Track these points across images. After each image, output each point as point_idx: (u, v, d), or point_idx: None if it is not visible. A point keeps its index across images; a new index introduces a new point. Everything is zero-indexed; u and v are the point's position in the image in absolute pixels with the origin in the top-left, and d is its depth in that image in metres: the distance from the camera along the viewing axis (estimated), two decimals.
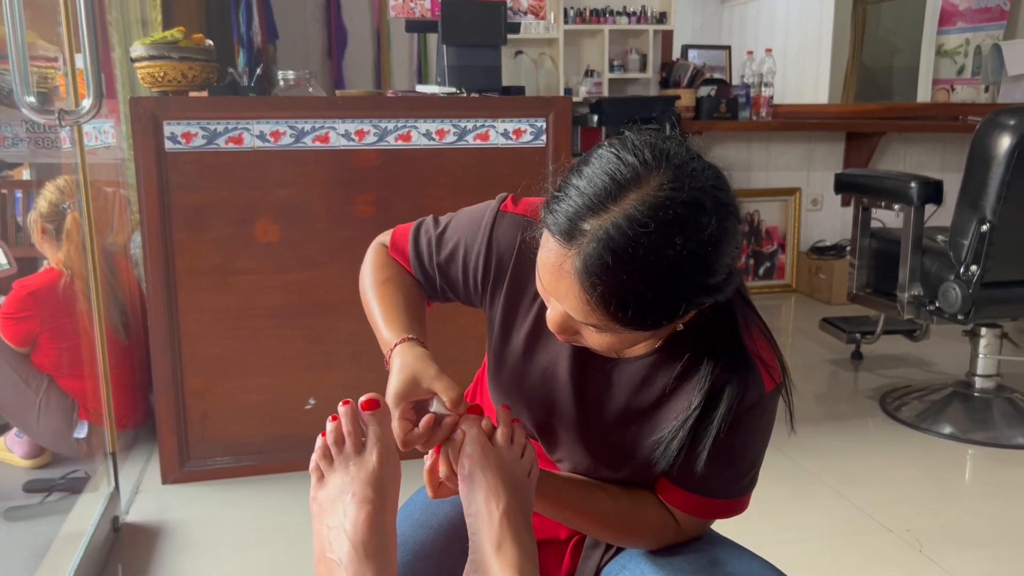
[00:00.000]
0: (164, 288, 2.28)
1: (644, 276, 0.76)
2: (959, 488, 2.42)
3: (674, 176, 0.78)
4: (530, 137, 2.43)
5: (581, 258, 0.77)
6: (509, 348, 1.05)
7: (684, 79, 4.64)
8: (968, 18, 5.38)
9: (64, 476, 2.41)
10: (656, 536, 1.01)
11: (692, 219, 0.76)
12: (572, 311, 0.82)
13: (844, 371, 3.44)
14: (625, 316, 0.79)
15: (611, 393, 1.00)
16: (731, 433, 0.93)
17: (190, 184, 2.26)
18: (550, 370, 1.02)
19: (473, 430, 0.90)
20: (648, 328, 0.82)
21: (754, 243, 4.70)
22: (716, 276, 0.80)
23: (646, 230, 0.75)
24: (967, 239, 2.54)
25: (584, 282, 0.78)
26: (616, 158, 0.80)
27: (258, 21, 3.87)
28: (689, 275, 0.78)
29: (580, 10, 5.21)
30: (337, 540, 0.85)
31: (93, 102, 1.79)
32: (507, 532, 0.87)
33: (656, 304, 0.78)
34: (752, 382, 0.93)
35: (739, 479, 1.00)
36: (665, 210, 0.76)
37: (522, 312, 1.03)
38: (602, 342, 0.86)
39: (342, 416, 0.89)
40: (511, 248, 1.00)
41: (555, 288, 0.82)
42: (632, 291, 0.77)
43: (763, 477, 1.04)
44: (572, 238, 0.78)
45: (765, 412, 0.97)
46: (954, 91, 5.47)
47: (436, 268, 1.07)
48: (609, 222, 0.76)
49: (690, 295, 0.80)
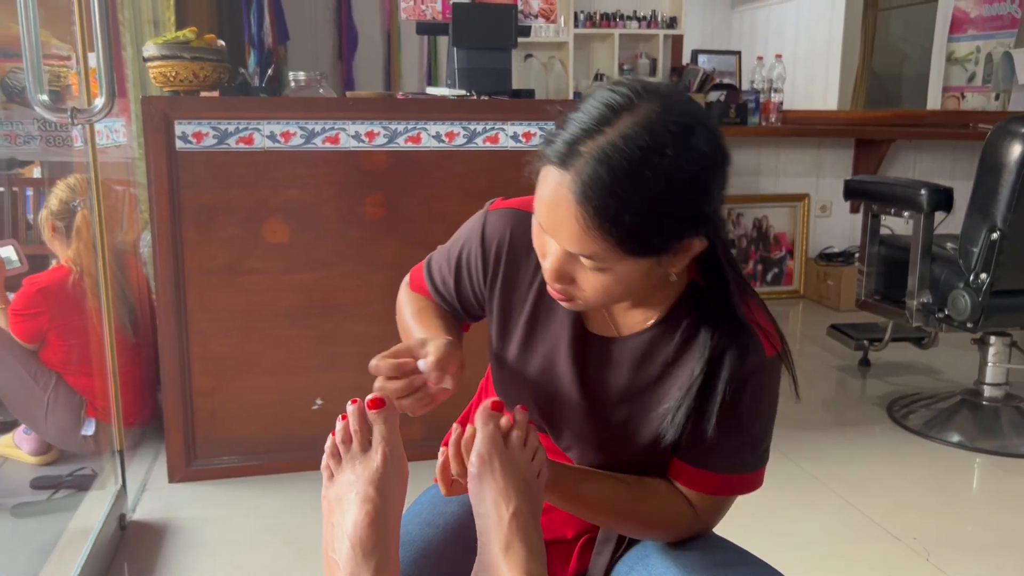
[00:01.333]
0: (173, 287, 2.29)
1: (638, 189, 0.79)
2: (967, 497, 2.41)
3: (664, 104, 0.82)
4: (540, 140, 2.43)
5: (579, 178, 0.80)
6: (509, 339, 1.06)
7: (694, 84, 4.63)
8: (979, 26, 5.37)
9: (71, 473, 2.41)
10: (674, 524, 1.01)
11: (683, 138, 0.81)
12: (569, 241, 0.83)
13: (852, 378, 3.43)
14: (620, 234, 0.81)
15: (613, 372, 1.00)
16: (736, 401, 0.94)
17: (200, 183, 2.27)
18: (550, 356, 1.03)
19: (488, 428, 0.90)
20: (643, 251, 0.83)
21: (762, 249, 4.69)
22: (706, 202, 0.84)
23: (640, 146, 0.79)
24: (977, 247, 2.54)
25: (581, 201, 0.80)
26: (610, 91, 0.84)
27: (269, 22, 3.88)
28: (680, 192, 0.81)
29: (590, 14, 5.22)
30: (339, 539, 0.85)
31: (106, 101, 1.80)
32: (516, 534, 0.87)
33: (650, 221, 0.81)
34: (752, 347, 0.94)
35: (749, 451, 0.99)
36: (658, 129, 0.80)
37: (518, 302, 1.04)
38: (597, 286, 0.87)
39: (350, 415, 0.90)
40: (502, 240, 1.03)
41: (552, 218, 0.84)
42: (627, 205, 0.80)
43: (769, 483, 1.04)
44: (569, 161, 0.81)
45: (769, 378, 0.97)
46: (964, 99, 5.45)
47: (451, 290, 1.10)
48: (605, 141, 0.80)
49: (682, 216, 0.83)
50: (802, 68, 6.14)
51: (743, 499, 1.04)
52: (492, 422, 0.91)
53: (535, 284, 1.03)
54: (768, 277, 4.72)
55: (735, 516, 1.08)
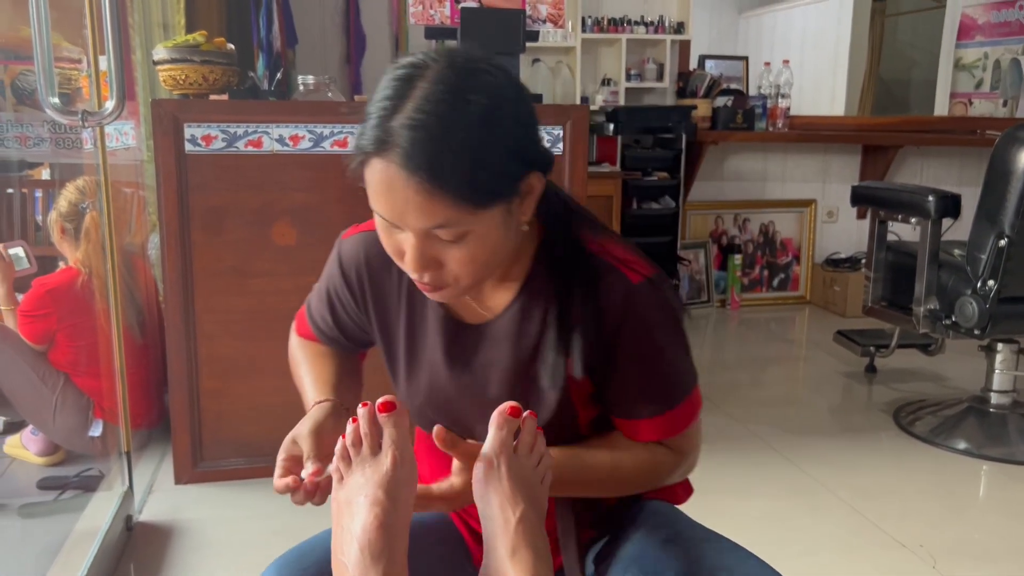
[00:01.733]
0: (181, 289, 2.30)
1: (460, 138, 0.81)
2: (973, 504, 2.41)
3: (449, 59, 0.85)
4: (547, 145, 2.44)
5: (401, 152, 0.81)
6: (396, 355, 1.07)
7: (701, 89, 4.64)
8: (987, 32, 5.36)
9: (78, 474, 2.42)
10: (661, 467, 1.02)
11: (478, 79, 0.84)
12: (417, 218, 0.84)
13: (858, 384, 3.43)
14: (461, 187, 0.82)
15: (496, 355, 1.01)
16: (628, 340, 0.96)
17: (209, 186, 2.27)
18: (434, 361, 1.04)
19: (503, 433, 0.90)
20: (489, 198, 0.84)
21: (769, 254, 4.69)
22: (528, 136, 0.88)
23: (445, 100, 0.81)
24: (985, 254, 2.53)
25: (413, 171, 0.81)
26: (395, 68, 0.86)
27: (278, 26, 3.90)
28: (499, 129, 0.83)
29: (598, 19, 5.22)
30: (347, 542, 0.85)
31: (116, 104, 1.81)
32: (522, 539, 0.87)
33: (483, 165, 0.82)
34: (612, 281, 0.95)
35: (673, 381, 1.00)
36: (453, 81, 0.82)
37: (393, 316, 1.06)
38: (464, 257, 0.87)
39: (360, 418, 0.90)
40: (359, 262, 1.05)
41: (393, 205, 0.84)
42: (456, 157, 0.81)
43: (775, 488, 1.04)
44: (386, 143, 0.82)
45: (646, 306, 0.96)
46: (972, 105, 5.45)
47: (331, 326, 1.12)
48: (410, 108, 0.81)
49: (510, 153, 0.85)
50: (809, 74, 6.14)
51: (748, 505, 1.04)
52: (507, 427, 0.91)
53: (403, 294, 1.04)
54: (774, 282, 4.71)
55: (741, 522, 1.08)
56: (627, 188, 4.03)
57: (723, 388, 3.35)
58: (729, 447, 2.71)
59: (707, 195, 4.58)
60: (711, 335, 4.25)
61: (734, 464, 2.58)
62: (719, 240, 4.61)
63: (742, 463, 2.59)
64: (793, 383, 3.57)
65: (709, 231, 4.59)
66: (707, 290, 4.56)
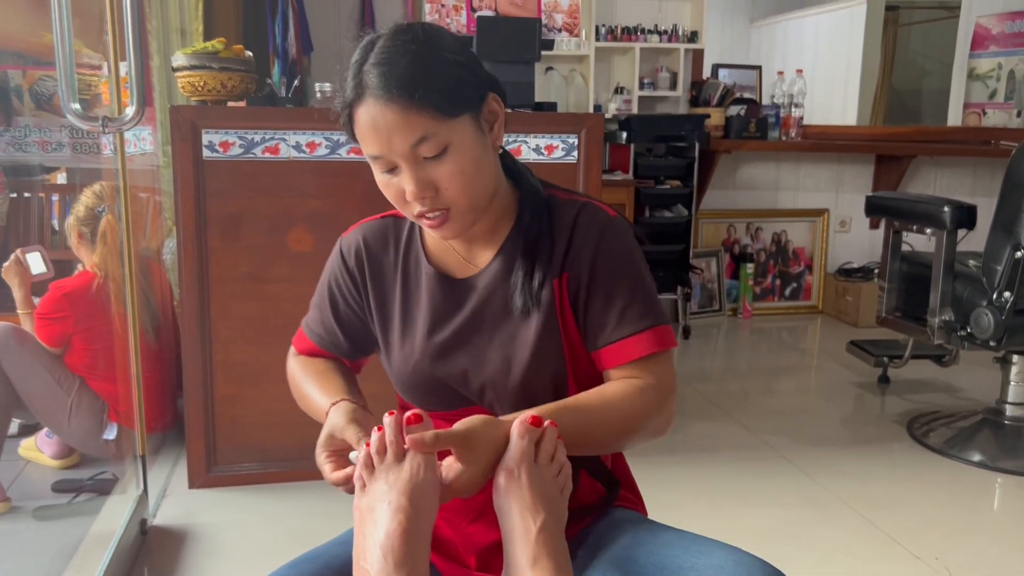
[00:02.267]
0: (197, 294, 2.31)
1: (421, 59, 0.95)
2: (989, 517, 2.39)
3: (395, 25, 1.00)
4: (562, 153, 2.45)
5: (376, 87, 0.94)
6: (390, 328, 1.12)
7: (714, 98, 4.64)
8: (1001, 42, 5.35)
9: (92, 477, 2.43)
10: (644, 404, 1.02)
11: (419, 27, 0.99)
12: (402, 138, 0.94)
13: (871, 395, 3.41)
14: (433, 97, 0.94)
15: (488, 304, 1.07)
16: (607, 257, 1.04)
17: (226, 192, 2.29)
18: (430, 321, 1.09)
19: (524, 442, 0.91)
20: (459, 106, 0.96)
21: (781, 263, 4.68)
22: (479, 65, 1.01)
23: (403, 38, 0.96)
24: (1001, 265, 2.52)
25: (390, 96, 0.93)
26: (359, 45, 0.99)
27: (294, 33, 3.92)
28: (453, 53, 0.98)
29: (611, 27, 5.23)
30: (371, 548, 0.86)
31: (136, 110, 1.82)
32: (543, 549, 0.88)
33: (447, 76, 0.96)
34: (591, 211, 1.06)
35: (646, 301, 1.05)
36: (401, 31, 0.98)
37: (389, 288, 1.12)
38: (455, 171, 0.97)
39: (386, 426, 0.91)
40: (359, 246, 1.14)
41: (378, 135, 0.96)
42: (421, 72, 0.94)
43: (787, 499, 1.05)
44: (362, 88, 0.95)
45: (624, 230, 1.07)
46: (986, 115, 5.43)
47: (332, 326, 1.17)
48: (375, 53, 0.96)
49: (467, 70, 0.98)
50: (821, 83, 6.13)
51: (760, 514, 1.04)
52: (528, 436, 0.91)
53: (398, 267, 1.12)
54: (786, 292, 4.70)
55: (752, 531, 1.08)
56: (639, 196, 4.03)
57: (735, 397, 3.34)
58: (740, 456, 2.71)
59: (719, 204, 4.58)
60: (723, 344, 4.24)
61: (745, 473, 2.57)
62: (731, 249, 4.60)
63: (753, 472, 2.58)
64: (805, 393, 3.56)
65: (721, 240, 4.59)
66: (719, 299, 4.56)
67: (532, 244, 1.06)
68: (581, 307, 1.05)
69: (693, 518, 2.24)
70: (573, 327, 1.06)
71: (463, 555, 1.09)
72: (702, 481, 2.50)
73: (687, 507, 2.31)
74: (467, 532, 1.08)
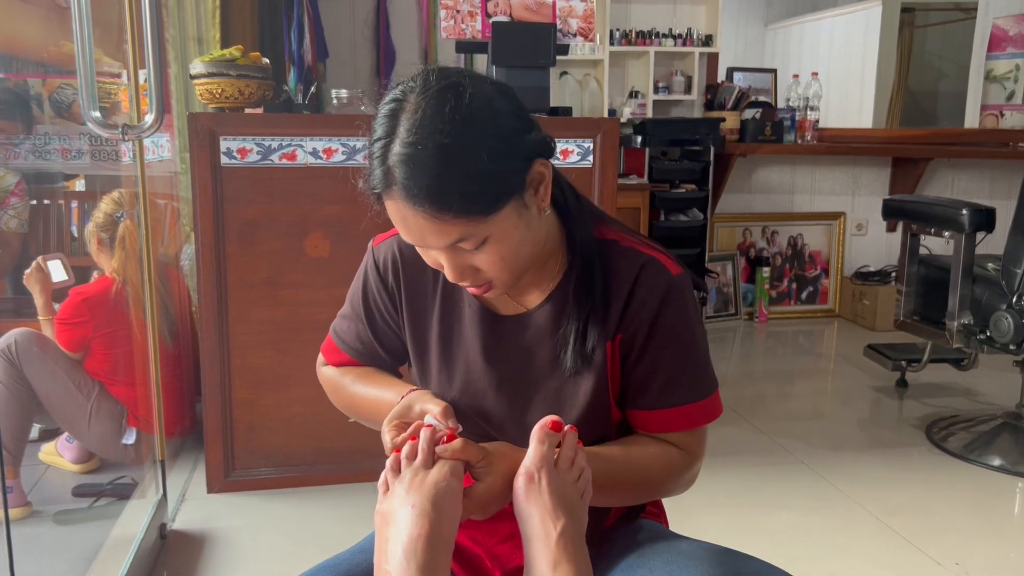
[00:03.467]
0: (215, 299, 2.33)
1: (447, 158, 0.85)
2: (1009, 522, 2.37)
3: (424, 85, 0.89)
4: (577, 157, 2.45)
5: (400, 188, 0.86)
6: (427, 352, 1.08)
7: (729, 101, 4.63)
8: (1018, 43, 5.31)
9: (111, 482, 2.45)
10: (667, 468, 1.02)
11: (453, 95, 0.87)
12: (438, 240, 0.89)
13: (888, 399, 3.39)
14: (465, 203, 0.86)
15: (533, 346, 1.03)
16: (666, 325, 0.99)
17: (244, 198, 2.30)
18: (469, 351, 1.05)
19: (543, 447, 0.91)
20: (497, 202, 0.88)
21: (797, 267, 4.66)
22: (516, 130, 0.90)
23: (424, 127, 0.86)
24: (1020, 268, 2.50)
25: (416, 203, 0.86)
26: (382, 104, 0.91)
27: (309, 40, 3.94)
28: (480, 135, 0.87)
29: (626, 31, 5.23)
30: (393, 551, 0.86)
31: (155, 117, 1.84)
32: (564, 554, 0.88)
33: (478, 176, 0.86)
34: (654, 269, 0.99)
35: (699, 373, 1.03)
36: (431, 107, 0.86)
37: (427, 309, 1.08)
38: (494, 259, 0.91)
39: (422, 438, 0.91)
40: (395, 259, 1.08)
41: (413, 233, 0.90)
42: (449, 178, 0.85)
43: (806, 504, 1.04)
44: (388, 181, 0.87)
45: (687, 295, 1.01)
46: (1003, 117, 5.39)
47: (368, 338, 1.13)
48: (398, 146, 0.86)
49: (503, 153, 0.88)
50: (836, 86, 6.11)
51: (777, 519, 1.03)
52: (548, 441, 0.91)
53: (438, 291, 1.07)
54: (803, 296, 4.68)
55: (769, 536, 1.08)
56: (655, 200, 4.02)
57: (751, 401, 3.33)
58: (757, 460, 2.70)
59: (735, 207, 4.56)
60: (739, 348, 4.23)
61: (762, 477, 2.56)
62: (747, 253, 4.59)
63: (771, 476, 2.57)
64: (822, 397, 3.54)
65: (737, 243, 4.58)
66: (735, 303, 4.54)
67: (585, 299, 1.00)
68: (628, 367, 1.02)
69: (710, 522, 2.24)
70: (620, 384, 1.03)
71: (490, 570, 1.08)
72: (719, 485, 2.49)
73: (704, 511, 2.30)
74: (496, 552, 1.08)
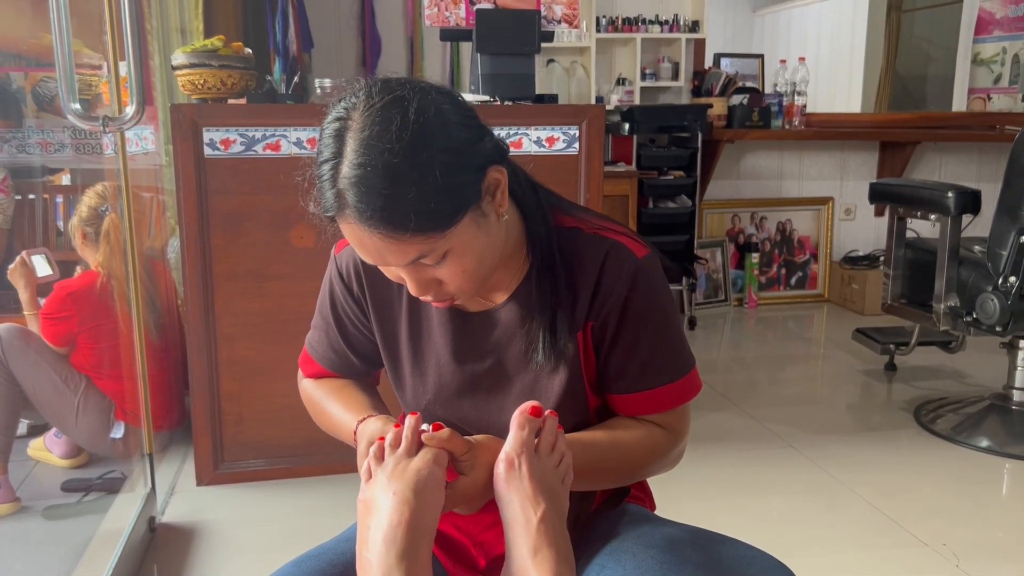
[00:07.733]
0: (201, 292, 2.32)
1: (398, 179, 0.82)
2: (996, 502, 2.39)
3: (367, 99, 0.86)
4: (563, 145, 2.44)
5: (353, 210, 0.84)
6: (398, 353, 1.07)
7: (716, 87, 4.62)
8: (1005, 26, 5.31)
9: (101, 476, 2.45)
10: (652, 449, 1.02)
11: (398, 109, 0.84)
12: (397, 259, 0.87)
13: (877, 382, 3.41)
14: (421, 220, 0.84)
15: (503, 342, 1.02)
16: (637, 308, 0.98)
17: (228, 190, 2.29)
18: (441, 356, 1.04)
19: (523, 432, 0.91)
20: (453, 216, 0.86)
21: (786, 252, 4.67)
22: (465, 141, 0.88)
23: (371, 147, 0.83)
24: (1006, 250, 2.51)
25: (370, 224, 0.84)
26: (326, 122, 0.88)
27: (294, 30, 3.91)
28: (435, 153, 0.84)
29: (612, 18, 5.21)
30: (373, 538, 0.86)
31: (136, 109, 1.83)
32: (544, 539, 0.87)
33: (431, 192, 0.83)
34: (620, 254, 0.98)
35: (676, 352, 1.02)
36: (376, 126, 0.83)
37: (395, 310, 1.07)
38: (455, 271, 0.90)
39: (406, 426, 0.91)
40: (357, 264, 1.06)
41: (370, 253, 0.88)
42: (401, 197, 0.83)
43: (795, 487, 1.04)
44: (339, 204, 0.85)
45: (656, 276, 1.00)
46: (990, 100, 5.40)
47: (341, 345, 1.13)
48: (346, 167, 0.84)
49: (455, 166, 0.85)
50: (824, 71, 6.10)
51: (767, 503, 1.04)
52: (528, 426, 0.91)
53: (403, 296, 1.06)
54: (792, 281, 4.69)
55: (759, 520, 1.08)
56: (643, 187, 4.02)
57: (741, 387, 3.34)
58: (747, 445, 2.70)
59: (723, 194, 4.56)
60: (728, 334, 4.24)
61: (752, 462, 2.57)
62: (736, 239, 4.59)
63: (761, 461, 2.58)
64: (812, 381, 3.55)
65: (726, 230, 4.58)
66: (724, 289, 4.55)
67: (551, 295, 0.99)
68: (603, 353, 1.02)
69: (700, 507, 2.24)
70: (595, 371, 1.03)
71: (475, 558, 1.08)
72: (709, 470, 2.49)
73: (693, 497, 2.31)
74: (480, 540, 1.08)
